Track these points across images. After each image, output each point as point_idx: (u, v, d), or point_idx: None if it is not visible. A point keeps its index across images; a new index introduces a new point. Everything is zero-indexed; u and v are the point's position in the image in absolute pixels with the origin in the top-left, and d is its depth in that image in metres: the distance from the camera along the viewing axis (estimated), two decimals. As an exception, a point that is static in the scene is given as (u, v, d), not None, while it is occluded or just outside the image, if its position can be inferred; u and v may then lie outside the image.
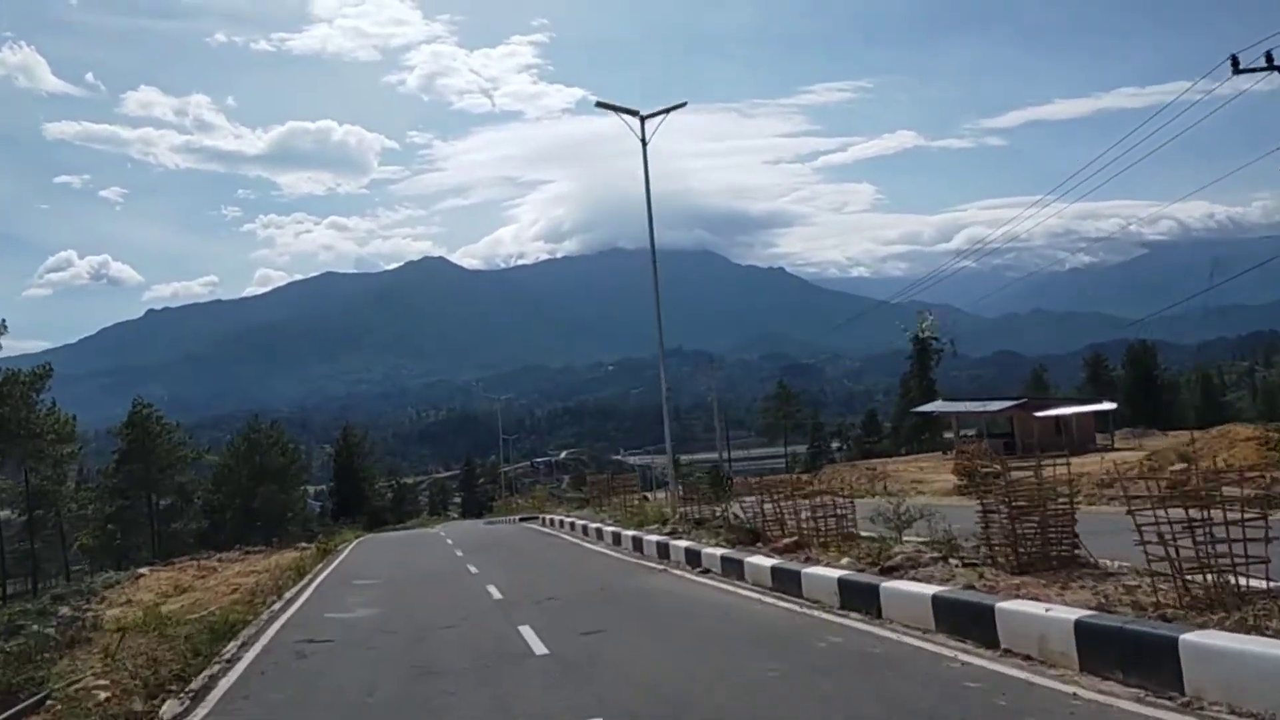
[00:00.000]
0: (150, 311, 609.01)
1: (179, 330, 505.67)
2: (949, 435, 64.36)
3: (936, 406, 65.81)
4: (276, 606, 17.56)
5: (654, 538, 20.51)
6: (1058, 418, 51.57)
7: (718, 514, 20.68)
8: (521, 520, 42.97)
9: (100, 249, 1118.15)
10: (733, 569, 15.00)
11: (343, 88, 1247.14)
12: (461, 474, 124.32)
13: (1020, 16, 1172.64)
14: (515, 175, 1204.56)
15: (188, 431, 77.56)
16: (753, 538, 17.07)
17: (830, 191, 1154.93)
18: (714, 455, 78.09)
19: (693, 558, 17.19)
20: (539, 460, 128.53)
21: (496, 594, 15.97)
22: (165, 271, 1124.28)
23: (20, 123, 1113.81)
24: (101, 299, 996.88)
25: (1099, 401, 58.65)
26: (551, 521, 35.56)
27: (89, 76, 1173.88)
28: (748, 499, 20.31)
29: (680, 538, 19.43)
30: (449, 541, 32.51)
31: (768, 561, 13.90)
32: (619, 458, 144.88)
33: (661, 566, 17.86)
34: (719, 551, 16.13)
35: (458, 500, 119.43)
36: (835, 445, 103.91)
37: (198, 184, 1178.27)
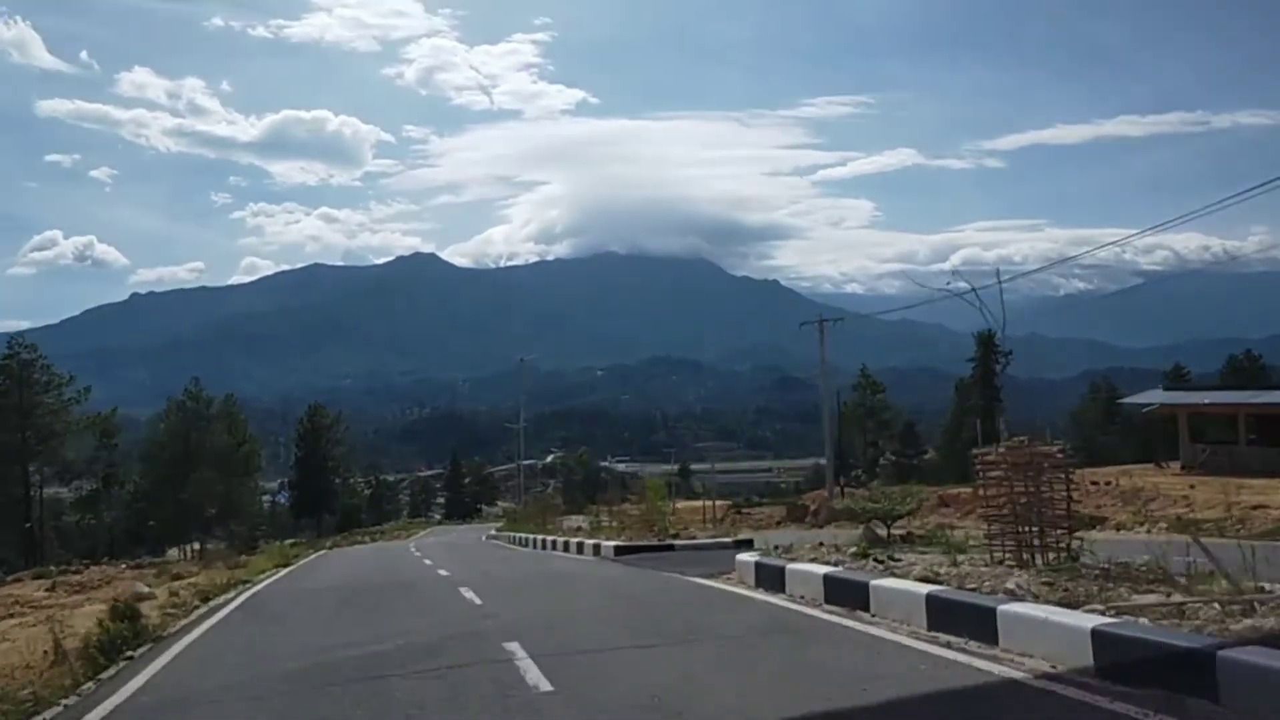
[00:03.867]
0: (135, 295, 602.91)
1: (163, 315, 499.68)
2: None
3: (1155, 397, 48.09)
4: None
5: None
6: None
7: None
8: (621, 553, 21.60)
9: (86, 230, 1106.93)
10: None
11: (340, 78, 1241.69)
12: (447, 474, 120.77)
13: (1024, 40, 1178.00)
14: (510, 175, 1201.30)
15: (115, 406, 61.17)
16: None
17: (827, 206, 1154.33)
18: (729, 466, 74.13)
19: None
20: (525, 462, 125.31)
21: None
22: (151, 255, 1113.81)
23: (12, 99, 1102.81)
24: (85, 280, 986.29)
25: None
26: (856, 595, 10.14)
27: (83, 55, 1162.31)
28: None
29: None
30: (524, 663, 8.18)
31: None
32: (606, 464, 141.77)
33: None
34: None
35: (440, 501, 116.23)
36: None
37: (189, 168, 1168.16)
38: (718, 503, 51.77)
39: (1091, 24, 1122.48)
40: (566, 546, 27.11)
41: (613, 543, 23.27)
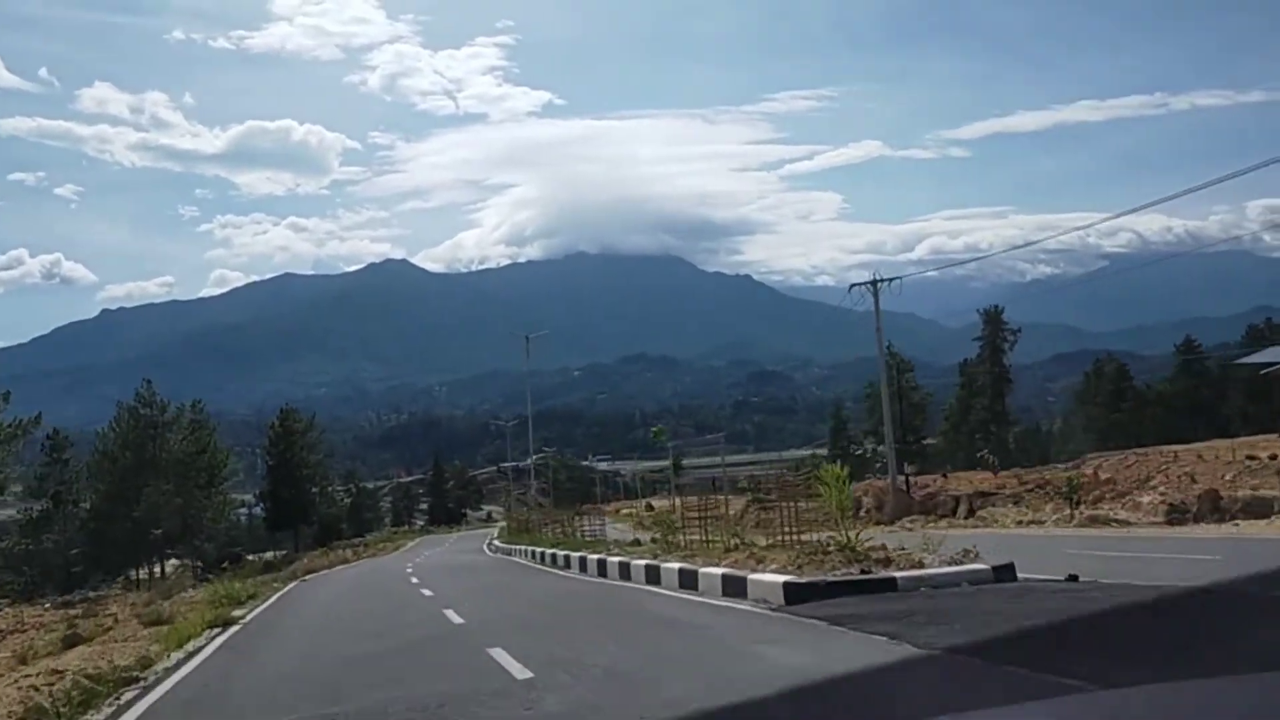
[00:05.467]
0: (105, 311, 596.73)
1: (134, 331, 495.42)
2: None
3: (1275, 355, 44.21)
4: None
5: None
6: None
7: None
8: (800, 599, 10.46)
9: (53, 247, 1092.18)
10: None
11: (303, 87, 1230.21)
12: (429, 478, 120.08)
13: (985, 28, 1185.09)
14: (478, 178, 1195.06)
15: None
16: None
17: (795, 200, 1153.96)
18: (712, 461, 71.18)
19: None
20: (505, 465, 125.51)
21: None
22: (120, 271, 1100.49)
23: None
24: (54, 298, 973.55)
25: None
26: None
27: (43, 72, 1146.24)
28: None
29: None
30: None
31: None
32: (588, 463, 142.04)
33: None
34: None
35: (423, 507, 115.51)
36: (860, 450, 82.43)
37: (154, 183, 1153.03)
38: (729, 498, 48.08)
39: (1049, 9, 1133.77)
40: (651, 575, 15.96)
41: (778, 577, 11.65)
